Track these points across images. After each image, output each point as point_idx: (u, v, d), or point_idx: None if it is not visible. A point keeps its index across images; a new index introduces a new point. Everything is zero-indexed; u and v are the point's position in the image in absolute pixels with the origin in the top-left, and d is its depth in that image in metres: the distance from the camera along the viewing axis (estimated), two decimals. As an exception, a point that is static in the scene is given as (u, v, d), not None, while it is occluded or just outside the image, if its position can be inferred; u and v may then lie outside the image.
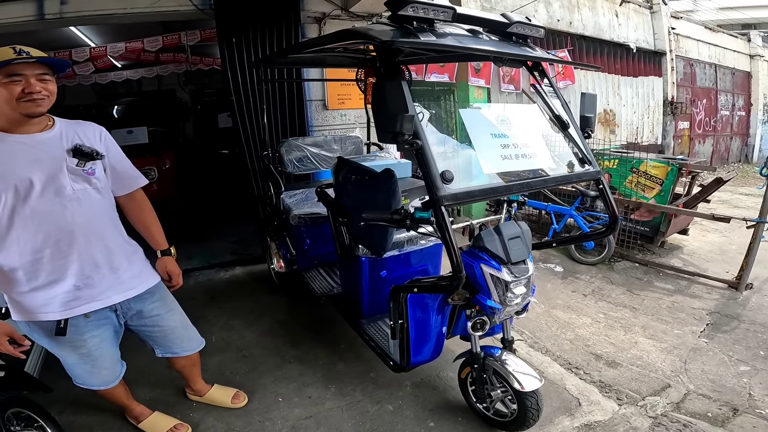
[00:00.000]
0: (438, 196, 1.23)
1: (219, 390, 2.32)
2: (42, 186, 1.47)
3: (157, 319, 1.85)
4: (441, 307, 1.94)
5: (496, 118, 1.55)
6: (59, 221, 1.51)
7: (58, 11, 3.43)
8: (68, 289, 1.55)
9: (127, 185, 1.81)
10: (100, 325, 1.69)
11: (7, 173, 1.42)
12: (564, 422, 2.17)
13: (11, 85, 1.39)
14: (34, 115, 1.46)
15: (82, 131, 1.64)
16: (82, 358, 1.69)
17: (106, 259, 1.63)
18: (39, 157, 1.48)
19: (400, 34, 1.38)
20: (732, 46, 11.10)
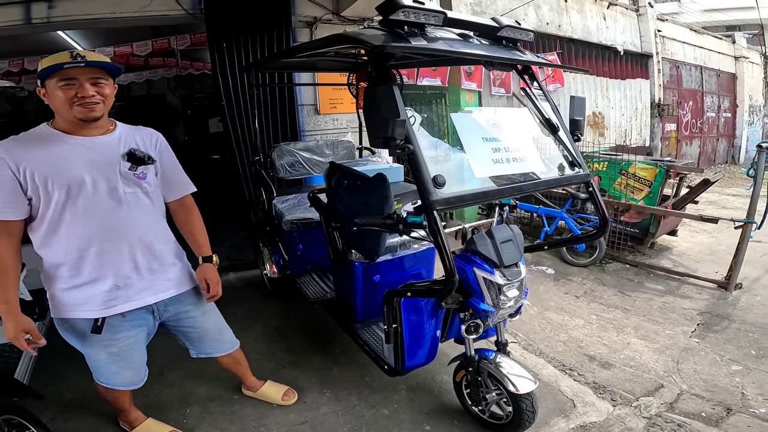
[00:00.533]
0: (430, 201, 1.23)
1: (271, 386, 2.37)
2: (94, 187, 1.52)
3: (192, 321, 1.88)
4: (435, 311, 1.94)
5: (487, 121, 1.56)
6: (107, 222, 1.55)
7: (46, 16, 3.39)
8: (108, 289, 1.58)
9: (177, 191, 1.86)
10: (135, 326, 1.71)
11: (63, 172, 1.47)
12: (559, 424, 2.18)
13: (66, 89, 1.44)
14: (88, 119, 1.51)
15: (140, 136, 1.70)
16: (110, 358, 1.70)
17: (146, 261, 1.67)
18: (95, 159, 1.54)
19: (391, 39, 1.39)
20: (717, 48, 11.28)
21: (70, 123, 1.51)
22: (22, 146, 1.46)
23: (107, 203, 1.55)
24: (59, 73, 1.43)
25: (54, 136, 1.51)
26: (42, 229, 1.51)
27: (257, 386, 2.35)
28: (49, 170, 1.46)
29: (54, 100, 1.47)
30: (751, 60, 12.38)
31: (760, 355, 2.78)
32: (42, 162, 1.46)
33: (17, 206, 1.45)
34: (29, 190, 1.45)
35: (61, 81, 1.43)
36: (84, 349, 1.70)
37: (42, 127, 1.54)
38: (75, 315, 1.58)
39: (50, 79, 1.45)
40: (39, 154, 1.46)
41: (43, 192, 1.46)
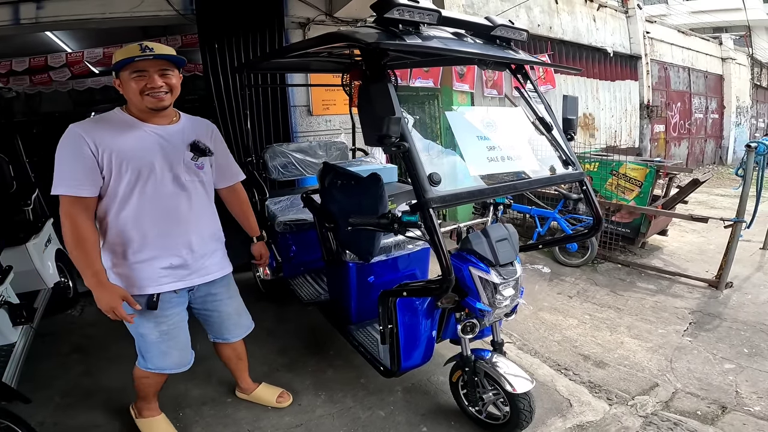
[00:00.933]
0: (426, 199, 1.22)
1: (265, 389, 2.36)
2: (162, 172, 1.65)
3: (218, 304, 1.97)
4: (430, 311, 1.93)
5: (481, 120, 1.56)
6: (169, 206, 1.69)
7: (34, 16, 3.34)
8: (164, 266, 1.70)
9: (229, 179, 2.02)
10: (180, 302, 1.83)
11: (137, 156, 1.60)
12: (556, 423, 2.18)
13: (137, 80, 1.57)
14: (157, 108, 1.64)
15: (199, 128, 1.84)
16: (161, 336, 1.79)
17: (199, 244, 1.79)
18: (164, 146, 1.67)
19: (386, 37, 1.38)
20: (704, 50, 11.43)
21: (141, 111, 1.64)
22: (102, 128, 1.59)
23: (170, 188, 1.68)
24: (131, 66, 1.55)
25: (130, 121, 1.64)
26: (112, 206, 1.62)
27: (251, 388, 2.33)
28: (125, 153, 1.58)
29: (127, 90, 1.59)
30: (738, 61, 12.56)
31: (752, 353, 2.80)
32: (119, 144, 1.58)
33: (93, 183, 1.56)
34: (105, 168, 1.57)
35: (134, 73, 1.56)
36: (138, 329, 1.77)
37: (116, 112, 1.67)
38: (133, 291, 1.66)
39: (124, 71, 1.56)
40: (116, 137, 1.59)
41: (116, 172, 1.58)
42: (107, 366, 2.72)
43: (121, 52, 1.56)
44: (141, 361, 1.88)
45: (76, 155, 1.53)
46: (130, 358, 1.95)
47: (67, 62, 5.21)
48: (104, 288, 1.58)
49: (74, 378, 2.65)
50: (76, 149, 1.53)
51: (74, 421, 2.26)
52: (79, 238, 1.55)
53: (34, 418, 2.17)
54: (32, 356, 2.70)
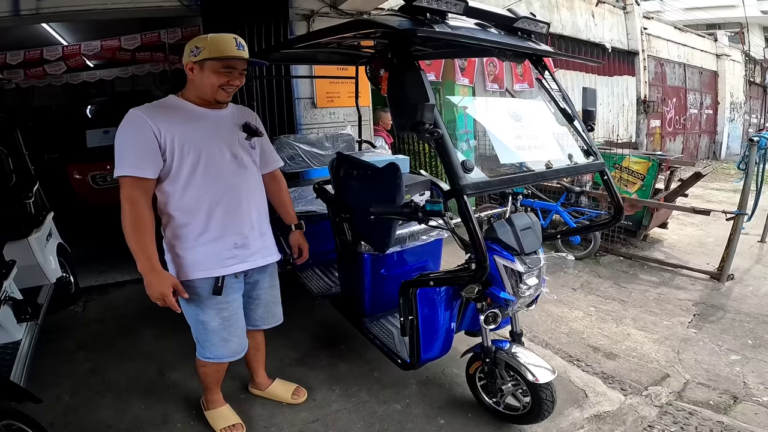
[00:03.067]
0: (461, 185, 1.22)
1: (280, 385, 2.34)
2: (221, 152, 1.70)
3: (262, 292, 1.98)
4: (450, 303, 1.92)
5: (506, 111, 1.56)
6: (231, 183, 1.72)
7: (35, 7, 3.27)
8: (229, 246, 1.72)
9: (270, 164, 2.02)
10: (239, 288, 1.83)
11: (197, 138, 1.64)
12: (574, 414, 2.19)
13: (222, 74, 1.61)
14: (223, 102, 1.72)
15: (246, 113, 1.90)
16: (222, 323, 1.78)
17: (258, 223, 1.82)
18: (221, 129, 1.72)
19: (414, 25, 1.37)
20: (700, 46, 11.54)
21: (204, 100, 1.68)
22: (162, 113, 1.61)
23: (231, 167, 1.72)
24: (225, 61, 1.59)
25: (188, 107, 1.68)
26: (176, 188, 1.63)
27: (266, 384, 2.31)
28: (186, 136, 1.60)
29: (203, 79, 1.61)
30: (733, 58, 12.69)
31: (756, 344, 2.84)
32: (180, 128, 1.60)
33: (154, 165, 1.56)
34: (167, 151, 1.58)
35: (224, 68, 1.60)
36: (201, 316, 1.76)
37: (172, 99, 1.70)
38: (197, 275, 1.68)
39: (212, 60, 1.57)
40: (177, 121, 1.61)
41: (178, 154, 1.59)
42: (115, 363, 2.68)
43: (218, 43, 1.57)
44: (200, 351, 1.88)
45: (138, 137, 1.54)
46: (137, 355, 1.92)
47: (63, 55, 5.12)
48: (156, 274, 1.57)
49: (81, 376, 2.60)
50: (139, 132, 1.54)
51: (85, 422, 2.21)
52: (138, 221, 1.54)
53: (44, 419, 2.11)
54: (38, 354, 2.65)
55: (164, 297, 1.57)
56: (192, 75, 1.64)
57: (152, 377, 2.54)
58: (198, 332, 1.83)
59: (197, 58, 1.58)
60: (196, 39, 1.61)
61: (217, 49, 1.56)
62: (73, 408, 2.32)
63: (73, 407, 2.33)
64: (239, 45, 1.60)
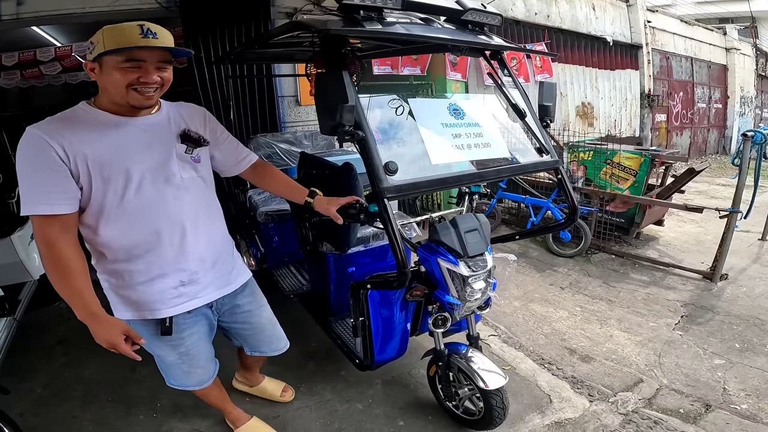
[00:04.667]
0: (381, 188, 1.18)
1: (270, 382, 2.28)
2: (153, 173, 1.37)
3: (248, 316, 1.75)
4: (404, 304, 1.89)
5: (448, 107, 1.51)
6: (169, 211, 1.41)
7: (15, 12, 3.30)
8: (175, 285, 1.46)
9: (244, 160, 1.72)
10: (197, 321, 1.59)
11: (119, 157, 1.32)
12: (534, 420, 2.14)
13: (128, 71, 1.25)
14: (142, 107, 1.35)
15: (187, 114, 1.53)
16: (180, 358, 1.59)
17: (210, 252, 1.54)
18: (151, 142, 1.38)
19: (343, 24, 1.33)
20: (708, 40, 11.24)
21: (118, 105, 1.34)
22: (67, 128, 1.27)
23: (166, 190, 1.40)
24: (126, 53, 1.23)
25: (102, 117, 1.33)
26: (100, 221, 1.35)
27: (257, 381, 2.26)
28: (104, 155, 1.29)
29: (108, 80, 1.26)
30: (743, 52, 12.35)
31: (744, 348, 2.75)
32: (94, 146, 1.28)
33: (69, 197, 1.27)
34: (81, 177, 1.28)
35: (127, 62, 1.24)
36: (154, 351, 1.58)
37: (83, 107, 1.35)
38: (145, 315, 1.45)
39: (111, 55, 1.22)
40: (89, 137, 1.28)
41: (97, 180, 1.29)
42: (90, 357, 2.72)
43: (114, 33, 1.21)
44: (165, 378, 1.69)
45: (40, 164, 1.23)
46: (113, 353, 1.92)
47: (57, 56, 5.18)
48: (100, 322, 1.32)
49: (56, 370, 2.66)
50: (41, 157, 1.23)
51: (53, 413, 2.28)
52: (61, 265, 1.27)
53: (14, 410, 2.18)
54: (16, 349, 2.70)
55: (115, 346, 1.33)
56: (95, 77, 1.30)
57: (123, 372, 2.58)
58: (158, 363, 1.65)
59: (92, 55, 1.25)
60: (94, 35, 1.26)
61: (113, 40, 1.21)
62: (44, 400, 2.39)
63: (44, 399, 2.40)
64: (147, 32, 1.23)
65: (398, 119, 1.50)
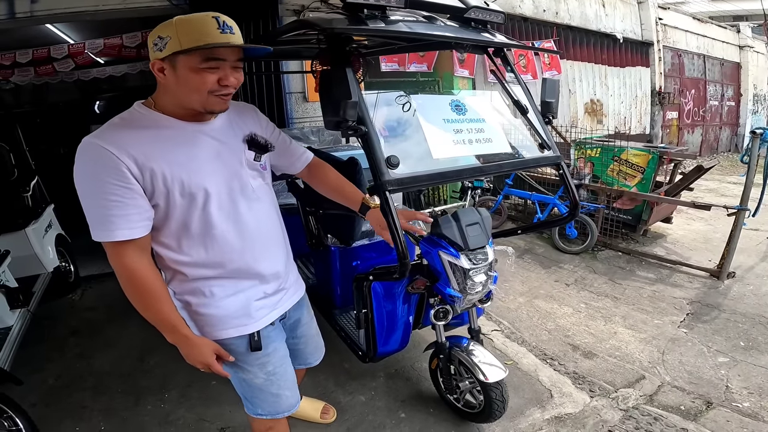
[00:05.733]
0: (382, 181, 1.22)
1: (308, 403, 2.14)
2: (228, 185, 1.26)
3: (305, 329, 1.64)
4: (407, 296, 1.93)
5: (450, 103, 1.53)
6: (248, 225, 1.30)
7: (29, 10, 3.39)
8: (258, 296, 1.36)
9: (302, 157, 1.58)
10: (278, 334, 1.45)
11: (195, 170, 1.18)
12: (534, 414, 2.16)
13: (209, 72, 1.10)
14: (219, 112, 1.22)
15: (243, 115, 1.39)
16: (269, 378, 1.42)
17: (284, 261, 1.45)
18: (221, 151, 1.25)
19: (347, 22, 1.36)
20: (721, 37, 11.10)
21: (186, 110, 1.18)
22: (136, 138, 1.12)
23: (243, 203, 1.29)
24: (207, 51, 1.07)
25: (172, 124, 1.18)
26: (182, 241, 1.23)
27: None
28: (182, 170, 1.16)
29: (183, 82, 1.11)
30: (756, 49, 12.17)
31: (748, 346, 2.74)
32: (170, 159, 1.14)
33: (144, 218, 1.14)
34: (156, 194, 1.14)
35: (206, 60, 1.08)
36: (242, 374, 1.41)
37: (143, 111, 1.18)
38: (228, 335, 1.32)
39: (188, 54, 1.07)
40: (163, 148, 1.14)
41: (177, 197, 1.17)
42: (101, 348, 2.80)
43: (189, 28, 1.06)
44: (249, 407, 1.49)
45: (111, 182, 1.06)
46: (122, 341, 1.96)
47: (70, 53, 5.25)
48: (191, 343, 1.24)
49: (68, 361, 2.73)
50: (110, 173, 1.06)
51: (64, 402, 2.35)
52: (146, 290, 1.17)
53: (26, 400, 2.25)
54: (30, 340, 2.78)
55: (209, 367, 1.26)
56: (164, 78, 1.13)
57: (133, 363, 2.65)
58: (243, 390, 1.47)
59: (164, 53, 1.08)
60: (160, 26, 1.10)
61: (191, 36, 1.05)
62: (56, 390, 2.46)
63: (56, 390, 2.47)
64: (224, 27, 1.09)
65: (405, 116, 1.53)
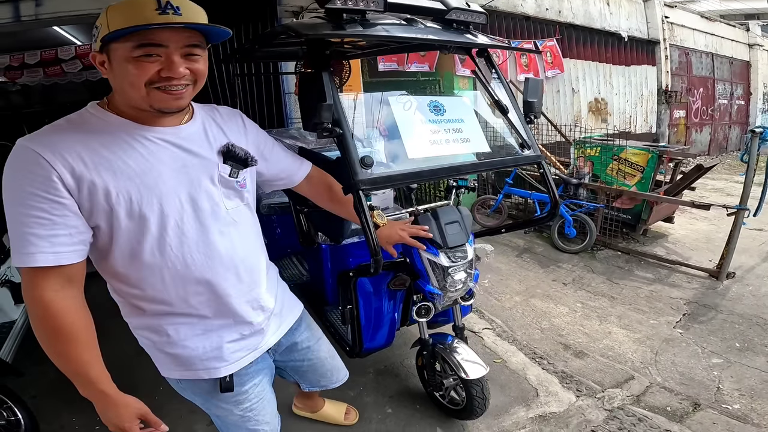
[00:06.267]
0: (355, 180, 1.25)
1: (332, 406, 2.11)
2: (192, 204, 1.05)
3: (307, 352, 1.49)
4: (392, 293, 1.96)
5: (428, 104, 1.56)
6: (218, 252, 1.09)
7: (34, 13, 3.47)
8: (234, 338, 1.18)
9: (299, 170, 1.42)
10: (259, 370, 1.30)
11: (151, 187, 0.98)
12: (519, 412, 2.18)
13: (145, 62, 0.90)
14: (169, 111, 1.00)
15: (224, 121, 1.18)
16: (245, 415, 1.28)
17: (266, 294, 1.26)
18: (185, 162, 1.04)
19: (324, 27, 1.39)
20: (730, 36, 10.95)
21: (138, 110, 0.99)
22: (77, 142, 0.92)
23: (211, 226, 1.08)
24: (139, 35, 0.88)
25: (122, 126, 0.98)
26: (130, 270, 1.03)
27: (319, 406, 2.09)
28: (131, 184, 0.95)
29: (121, 76, 0.92)
30: (766, 48, 11.99)
31: (744, 347, 2.73)
32: (116, 169, 0.94)
33: (77, 240, 0.93)
34: (95, 213, 0.94)
35: (140, 47, 0.89)
36: (213, 411, 1.29)
37: (93, 110, 0.99)
38: (196, 376, 1.17)
39: (120, 42, 0.89)
40: (108, 156, 0.94)
41: (123, 218, 0.96)
42: (101, 342, 2.83)
43: (122, 8, 0.88)
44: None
45: (37, 195, 0.87)
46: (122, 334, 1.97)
47: (77, 54, 5.38)
48: (109, 404, 1.03)
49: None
50: (38, 183, 0.87)
51: (64, 395, 2.40)
52: (59, 332, 0.94)
53: (27, 392, 2.32)
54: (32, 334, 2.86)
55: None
56: (105, 74, 0.96)
57: (130, 356, 2.69)
58: (217, 424, 1.36)
59: (97, 41, 0.92)
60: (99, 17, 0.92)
61: (119, 19, 0.87)
62: (56, 383, 2.51)
63: (56, 382, 2.50)
64: (165, 6, 0.88)
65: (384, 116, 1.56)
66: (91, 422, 2.22)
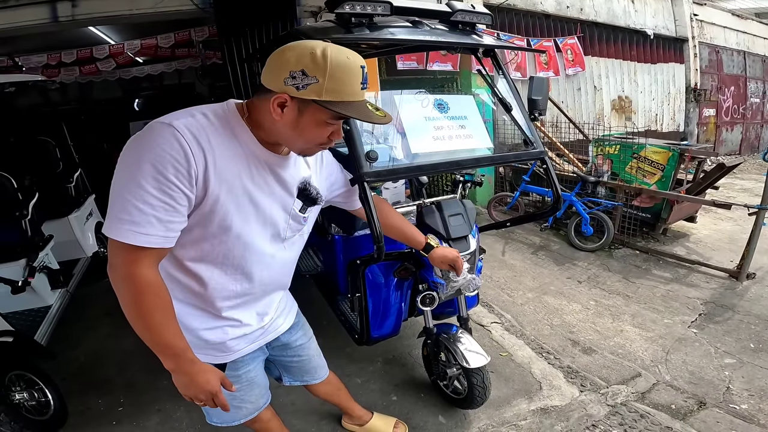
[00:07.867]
0: (360, 173, 1.34)
1: (380, 419, 2.08)
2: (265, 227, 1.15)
3: (299, 350, 1.59)
4: (399, 284, 2.03)
5: (434, 102, 1.63)
6: (260, 274, 1.21)
7: (71, 14, 3.69)
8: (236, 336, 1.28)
9: (349, 203, 1.52)
10: (254, 357, 1.41)
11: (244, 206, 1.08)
12: (521, 405, 2.22)
13: (328, 126, 1.02)
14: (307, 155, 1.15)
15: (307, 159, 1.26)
16: (232, 395, 1.35)
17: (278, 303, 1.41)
18: (275, 189, 1.14)
19: (333, 31, 1.49)
20: (763, 34, 10.57)
21: (276, 144, 1.09)
22: (219, 142, 1.00)
23: (268, 249, 1.19)
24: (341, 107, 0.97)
25: (251, 143, 1.06)
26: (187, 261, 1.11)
27: (366, 418, 2.06)
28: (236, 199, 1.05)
29: (304, 130, 1.01)
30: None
31: (758, 348, 2.70)
32: (231, 181, 1.03)
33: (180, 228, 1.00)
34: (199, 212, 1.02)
35: (336, 119, 1.01)
36: None
37: (234, 117, 1.05)
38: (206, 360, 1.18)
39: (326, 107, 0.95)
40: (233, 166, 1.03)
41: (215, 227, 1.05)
42: (129, 329, 3.01)
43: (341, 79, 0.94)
44: (207, 416, 1.46)
45: (176, 186, 0.93)
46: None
47: (111, 53, 5.65)
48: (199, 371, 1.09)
49: (99, 339, 2.96)
50: (174, 168, 0.92)
51: (92, 377, 2.57)
52: (154, 305, 1.00)
53: (58, 374, 2.45)
54: (68, 319, 3.05)
55: (215, 396, 1.11)
56: (279, 116, 0.98)
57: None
58: None
59: (301, 94, 0.94)
60: (304, 55, 0.93)
61: (342, 89, 0.94)
62: (86, 367, 2.68)
63: (86, 365, 2.69)
64: (365, 80, 0.99)
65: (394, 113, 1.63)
66: (114, 404, 2.35)
